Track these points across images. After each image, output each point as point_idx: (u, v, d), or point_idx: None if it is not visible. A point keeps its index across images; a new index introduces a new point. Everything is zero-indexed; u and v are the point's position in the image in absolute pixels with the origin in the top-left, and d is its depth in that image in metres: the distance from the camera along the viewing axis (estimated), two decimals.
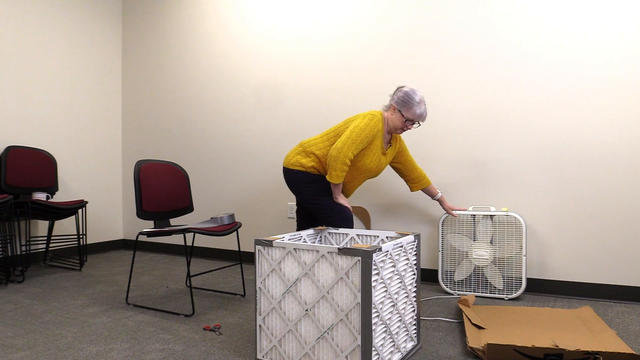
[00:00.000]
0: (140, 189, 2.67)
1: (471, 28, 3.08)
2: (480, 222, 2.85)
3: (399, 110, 2.54)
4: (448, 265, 2.97)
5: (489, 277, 2.83)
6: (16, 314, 2.50)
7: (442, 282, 2.96)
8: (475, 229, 2.89)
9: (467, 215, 2.90)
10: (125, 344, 2.07)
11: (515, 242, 2.81)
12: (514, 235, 2.83)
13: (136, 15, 4.49)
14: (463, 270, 2.89)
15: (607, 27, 2.76)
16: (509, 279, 2.83)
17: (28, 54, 3.82)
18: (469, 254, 2.87)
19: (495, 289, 2.84)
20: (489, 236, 2.84)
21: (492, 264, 2.83)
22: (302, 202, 2.66)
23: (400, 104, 2.53)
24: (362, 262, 1.62)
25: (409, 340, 1.96)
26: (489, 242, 2.83)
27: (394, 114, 2.57)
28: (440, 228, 2.97)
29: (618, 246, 2.75)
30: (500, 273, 2.84)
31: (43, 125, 3.92)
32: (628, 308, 2.60)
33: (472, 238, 2.89)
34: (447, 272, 2.98)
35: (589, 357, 1.69)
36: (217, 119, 4.06)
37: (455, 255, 2.97)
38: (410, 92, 2.52)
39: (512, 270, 2.83)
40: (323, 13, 3.57)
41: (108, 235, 4.48)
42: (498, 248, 2.83)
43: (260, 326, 1.87)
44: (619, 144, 2.74)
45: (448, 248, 2.98)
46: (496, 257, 2.83)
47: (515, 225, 2.82)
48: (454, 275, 2.92)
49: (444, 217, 2.97)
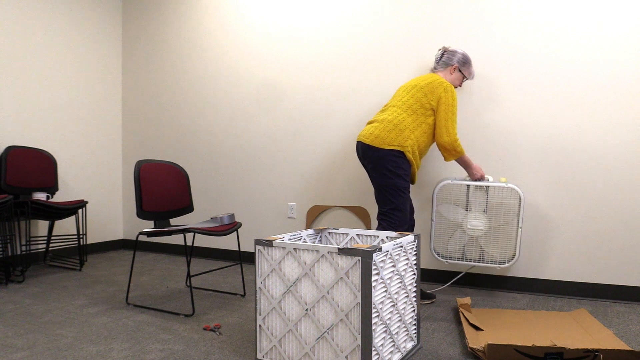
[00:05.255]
0: (140, 189, 2.67)
1: (471, 27, 3.08)
2: (477, 192, 2.75)
3: (460, 70, 2.76)
4: (441, 235, 2.82)
5: (483, 246, 2.73)
6: (16, 314, 2.50)
7: (433, 250, 2.82)
8: (469, 199, 2.76)
9: (462, 185, 2.77)
10: (125, 344, 2.07)
11: (511, 214, 2.71)
12: (511, 207, 2.72)
13: (136, 15, 4.49)
14: (457, 240, 2.77)
15: (608, 27, 2.76)
16: (503, 249, 2.73)
17: (28, 54, 3.82)
18: (463, 224, 2.76)
19: (489, 259, 2.73)
20: (484, 206, 2.74)
21: (486, 234, 2.74)
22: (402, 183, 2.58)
23: (461, 64, 2.75)
24: (362, 262, 1.62)
25: (409, 340, 1.96)
26: (483, 212, 2.73)
27: (454, 74, 2.77)
28: (434, 197, 2.82)
29: (618, 246, 2.75)
30: (495, 243, 2.74)
31: (43, 125, 3.92)
32: (628, 308, 2.60)
33: (466, 208, 2.77)
34: (440, 242, 2.83)
35: (589, 355, 1.69)
36: (217, 118, 4.06)
37: (449, 225, 2.81)
38: (466, 53, 2.77)
39: (507, 241, 2.73)
40: (323, 13, 3.57)
41: (108, 235, 4.48)
42: (494, 219, 2.73)
43: (260, 326, 1.87)
44: (620, 143, 2.75)
45: (441, 218, 2.82)
46: (491, 227, 2.73)
47: (512, 197, 2.71)
48: (448, 244, 2.79)
49: (439, 186, 2.81)
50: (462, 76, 2.78)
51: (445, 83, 2.60)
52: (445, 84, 2.60)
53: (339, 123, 3.51)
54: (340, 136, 3.52)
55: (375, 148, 2.54)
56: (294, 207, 3.71)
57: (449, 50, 2.76)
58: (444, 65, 2.75)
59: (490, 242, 2.75)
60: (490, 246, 2.76)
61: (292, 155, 3.71)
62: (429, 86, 2.60)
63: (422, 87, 2.60)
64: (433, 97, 2.58)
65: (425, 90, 2.59)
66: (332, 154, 3.54)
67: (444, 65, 2.76)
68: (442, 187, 2.80)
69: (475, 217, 2.74)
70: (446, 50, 2.76)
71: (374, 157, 2.55)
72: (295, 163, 3.70)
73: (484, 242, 2.76)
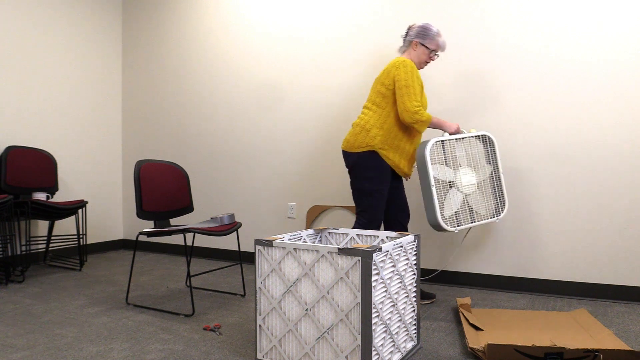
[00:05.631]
0: (140, 189, 2.67)
1: (471, 27, 3.08)
2: (458, 146, 2.59)
3: (422, 44, 2.60)
4: (443, 201, 2.57)
5: (477, 204, 2.60)
6: (16, 314, 2.50)
7: (441, 220, 2.49)
8: (447, 155, 2.59)
9: (447, 144, 2.58)
10: (125, 344, 2.07)
11: (491, 163, 2.65)
12: (489, 156, 2.66)
13: (136, 15, 4.49)
14: (451, 203, 2.55)
15: (608, 27, 2.76)
16: (495, 200, 2.66)
17: (28, 54, 3.82)
18: (457, 183, 2.57)
19: (487, 214, 2.63)
20: (466, 161, 2.61)
21: (479, 188, 2.62)
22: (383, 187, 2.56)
23: (421, 38, 2.60)
24: (362, 262, 1.62)
25: (409, 340, 1.96)
26: (470, 167, 2.61)
27: (417, 49, 2.62)
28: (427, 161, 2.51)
29: (618, 246, 2.75)
30: (486, 196, 2.64)
31: (43, 125, 3.92)
32: (628, 308, 2.60)
33: (453, 167, 2.59)
34: (445, 208, 2.60)
35: (589, 355, 1.69)
36: (217, 118, 4.06)
37: (447, 188, 2.58)
38: (426, 24, 2.60)
39: (497, 190, 2.67)
40: (323, 13, 3.56)
41: (108, 235, 4.48)
42: (480, 170, 2.63)
43: (260, 326, 1.87)
44: (620, 143, 2.75)
45: (438, 182, 2.56)
46: (480, 180, 2.63)
47: (488, 145, 2.66)
48: (443, 210, 2.53)
49: (428, 149, 2.53)
50: (428, 50, 2.61)
51: (398, 61, 2.52)
52: (399, 62, 2.52)
53: (339, 123, 3.51)
54: (340, 136, 3.51)
55: (348, 153, 2.60)
56: (294, 207, 3.70)
57: (409, 27, 2.66)
58: (407, 44, 2.65)
59: (484, 195, 2.64)
60: (484, 200, 2.64)
61: (292, 155, 3.71)
62: (384, 73, 2.57)
63: (379, 78, 2.59)
64: (389, 81, 2.54)
65: (382, 78, 2.58)
66: (332, 154, 3.54)
67: (407, 44, 2.66)
68: (431, 148, 2.52)
69: (466, 173, 2.60)
70: (408, 28, 2.66)
71: (349, 162, 2.61)
72: (295, 163, 3.70)
73: (480, 196, 2.62)
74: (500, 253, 3.02)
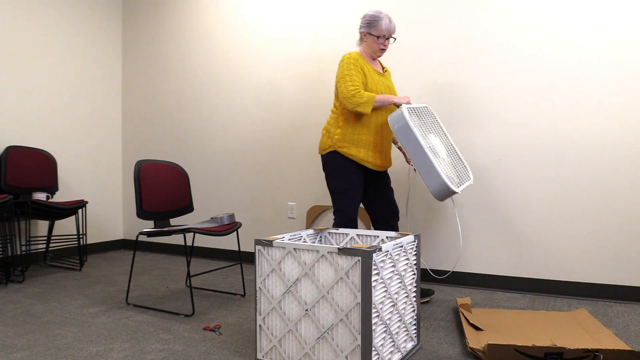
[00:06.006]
0: (140, 189, 2.67)
1: (471, 28, 3.08)
2: (414, 117, 2.44)
3: (369, 33, 2.56)
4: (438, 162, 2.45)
5: (451, 169, 2.47)
6: (16, 314, 2.50)
7: (448, 181, 2.31)
8: (420, 124, 2.48)
9: (411, 109, 2.45)
10: (125, 344, 2.07)
11: (441, 133, 2.57)
12: (437, 124, 2.60)
13: (136, 15, 4.49)
14: (446, 169, 2.42)
15: (608, 27, 2.76)
16: (460, 167, 2.59)
17: (28, 54, 3.82)
18: (435, 148, 2.43)
19: (462, 179, 2.52)
20: (428, 129, 2.48)
21: (447, 155, 2.50)
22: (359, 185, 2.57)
23: (367, 27, 2.56)
24: (362, 262, 1.62)
25: (409, 340, 1.96)
26: (433, 135, 2.48)
27: (367, 39, 2.59)
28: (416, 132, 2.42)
29: (618, 246, 2.75)
30: (453, 162, 2.54)
31: (43, 125, 3.92)
32: (628, 308, 2.60)
33: (423, 137, 2.42)
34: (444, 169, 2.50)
35: (589, 355, 1.69)
36: (217, 118, 4.06)
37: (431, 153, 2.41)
38: (372, 12, 2.56)
39: (454, 154, 2.60)
40: (323, 13, 3.56)
41: (108, 235, 4.48)
42: (440, 137, 2.53)
43: (260, 326, 1.87)
44: (620, 144, 2.75)
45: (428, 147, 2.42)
46: (444, 145, 2.53)
47: (431, 115, 2.59)
48: (447, 169, 2.43)
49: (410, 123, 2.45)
50: (375, 37, 2.54)
51: (342, 57, 2.54)
52: (341, 58, 2.56)
53: None
54: None
55: (321, 156, 2.67)
56: (294, 207, 3.70)
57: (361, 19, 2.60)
58: (359, 36, 2.64)
59: (452, 160, 2.55)
60: (454, 164, 2.54)
61: (292, 155, 3.71)
62: (336, 73, 2.58)
63: (336, 78, 2.59)
64: (336, 80, 2.57)
65: (335, 79, 2.60)
66: None
67: (359, 37, 2.64)
68: (409, 112, 2.39)
69: (434, 139, 2.48)
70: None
71: (322, 164, 2.66)
72: (295, 163, 3.70)
73: (450, 162, 2.53)
74: (500, 253, 3.02)
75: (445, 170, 2.37)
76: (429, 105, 2.64)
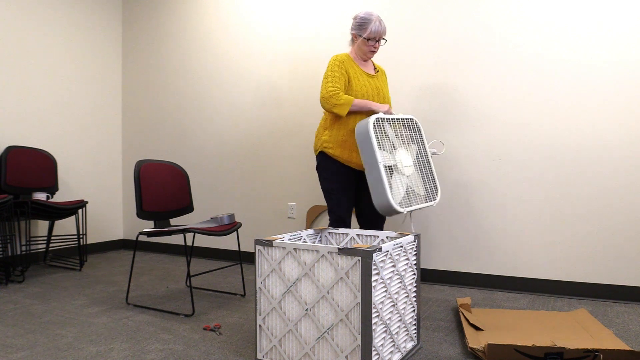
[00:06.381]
0: (140, 189, 2.67)
1: (471, 28, 3.08)
2: (388, 129, 2.44)
3: (359, 35, 2.56)
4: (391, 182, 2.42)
5: (417, 185, 2.47)
6: (16, 314, 2.50)
7: (394, 202, 2.27)
8: (385, 135, 2.44)
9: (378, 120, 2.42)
10: (125, 344, 2.07)
11: (419, 146, 2.57)
12: (418, 139, 2.59)
13: (136, 15, 4.49)
14: (399, 186, 2.37)
15: (608, 27, 2.76)
16: (428, 184, 2.57)
17: (28, 54, 3.82)
18: (398, 165, 2.41)
19: (423, 198, 2.50)
20: (399, 142, 2.48)
21: (415, 171, 2.50)
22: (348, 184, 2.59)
23: (357, 29, 2.56)
24: (362, 262, 1.62)
25: (409, 340, 1.96)
26: (404, 149, 2.48)
27: (356, 41, 2.60)
28: (374, 145, 2.37)
29: (618, 246, 2.75)
30: (421, 178, 2.53)
31: (43, 125, 3.92)
32: (628, 308, 2.60)
33: (389, 149, 2.42)
34: (394, 190, 2.46)
35: (589, 355, 1.69)
36: (217, 118, 4.06)
37: (389, 172, 2.41)
38: (362, 14, 2.56)
39: (429, 174, 2.59)
40: (323, 13, 3.56)
41: (108, 235, 4.48)
42: (411, 153, 2.54)
43: (260, 326, 1.87)
44: (619, 144, 2.75)
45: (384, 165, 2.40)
46: (414, 162, 2.52)
47: (415, 129, 2.58)
48: (393, 193, 2.34)
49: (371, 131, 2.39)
50: (365, 40, 2.54)
51: (330, 58, 2.53)
52: (330, 59, 2.56)
53: None
54: None
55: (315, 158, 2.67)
56: (294, 207, 3.70)
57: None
58: (351, 39, 2.64)
59: (419, 176, 2.54)
60: (421, 181, 2.53)
61: (292, 155, 3.71)
62: None
63: None
64: None
65: None
66: None
67: (351, 39, 2.64)
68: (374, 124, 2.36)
69: (403, 154, 2.46)
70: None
71: (316, 166, 2.67)
72: (295, 163, 3.70)
73: (417, 178, 2.51)
74: (501, 253, 3.02)
75: (398, 187, 2.36)
76: (415, 118, 2.60)
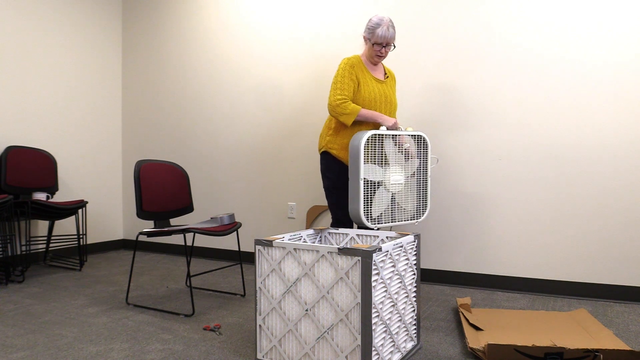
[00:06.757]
0: (140, 189, 2.67)
1: (471, 28, 3.08)
2: (388, 142, 2.47)
3: (368, 39, 2.58)
4: (369, 197, 2.47)
5: (405, 201, 2.54)
6: (16, 314, 2.50)
7: (364, 217, 2.41)
8: (379, 150, 2.49)
9: (381, 140, 2.47)
10: (125, 344, 2.07)
11: (422, 162, 2.60)
12: (421, 156, 2.61)
13: (136, 15, 4.49)
14: (381, 202, 2.46)
15: (608, 27, 2.76)
16: (418, 202, 2.61)
17: (28, 54, 3.82)
18: (385, 182, 2.46)
19: (407, 216, 2.56)
20: (396, 158, 2.51)
21: (404, 188, 2.55)
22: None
23: (367, 32, 2.58)
24: (362, 262, 1.62)
25: (409, 340, 1.96)
26: (400, 165, 2.52)
27: (366, 44, 2.62)
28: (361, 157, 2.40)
29: (617, 246, 2.75)
30: (411, 197, 2.58)
31: (43, 125, 3.92)
32: (628, 308, 2.60)
33: (382, 164, 2.48)
34: (370, 205, 2.50)
35: (589, 355, 1.69)
36: (217, 118, 4.06)
37: (374, 186, 2.49)
38: (374, 18, 2.56)
39: (421, 193, 2.62)
40: (323, 13, 3.57)
41: (108, 235, 4.48)
42: (409, 170, 2.57)
43: (260, 326, 1.87)
44: (619, 143, 2.75)
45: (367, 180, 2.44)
46: (407, 179, 2.56)
47: (422, 146, 2.60)
48: (371, 209, 2.44)
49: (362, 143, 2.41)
50: (372, 44, 2.56)
51: (342, 60, 2.55)
52: (341, 61, 2.57)
53: None
54: None
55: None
56: (294, 207, 3.71)
57: None
58: (363, 41, 2.65)
59: (408, 196, 2.56)
60: (411, 197, 2.57)
61: (292, 155, 3.71)
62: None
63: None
64: None
65: None
66: None
67: (364, 41, 2.68)
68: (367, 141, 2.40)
69: (395, 171, 2.50)
70: None
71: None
72: (295, 163, 3.70)
73: (404, 196, 2.54)
74: (501, 253, 3.02)
75: (381, 202, 2.45)
76: (425, 135, 2.58)
